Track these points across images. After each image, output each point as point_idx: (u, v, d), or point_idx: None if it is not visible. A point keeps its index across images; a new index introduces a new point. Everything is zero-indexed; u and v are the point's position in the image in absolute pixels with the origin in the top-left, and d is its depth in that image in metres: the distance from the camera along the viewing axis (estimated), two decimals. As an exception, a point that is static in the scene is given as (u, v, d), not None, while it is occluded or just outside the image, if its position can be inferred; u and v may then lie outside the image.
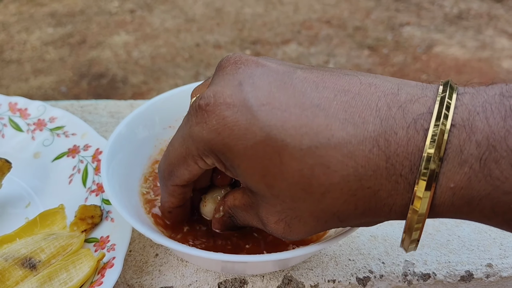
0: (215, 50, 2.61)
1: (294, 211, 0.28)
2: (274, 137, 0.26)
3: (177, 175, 0.32)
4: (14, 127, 0.52)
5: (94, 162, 0.47)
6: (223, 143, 0.27)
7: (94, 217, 0.42)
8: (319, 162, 0.26)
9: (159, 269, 0.41)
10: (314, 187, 0.26)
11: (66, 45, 2.70)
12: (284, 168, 0.26)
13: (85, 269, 0.38)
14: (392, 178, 0.25)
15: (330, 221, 0.28)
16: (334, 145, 0.26)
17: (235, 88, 0.27)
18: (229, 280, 0.41)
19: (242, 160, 0.27)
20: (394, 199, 0.26)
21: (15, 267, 0.38)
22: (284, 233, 0.30)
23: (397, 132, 0.25)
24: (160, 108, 0.47)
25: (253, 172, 0.27)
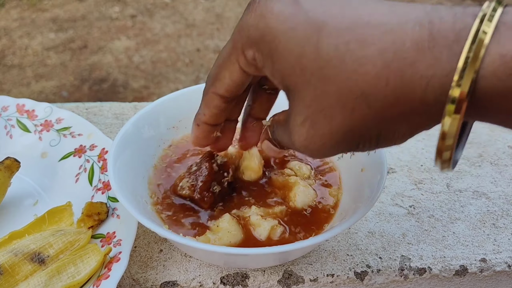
0: (216, 55, 2.62)
1: (322, 100, 0.27)
2: (315, 19, 0.27)
3: (219, 78, 0.33)
4: (21, 128, 0.53)
5: (100, 161, 0.48)
6: (266, 26, 0.28)
7: (100, 214, 0.43)
8: (356, 38, 0.26)
9: (163, 264, 0.43)
10: (347, 62, 0.26)
11: (67, 50, 2.72)
12: (320, 46, 0.27)
13: (92, 263, 0.39)
14: (433, 49, 0.25)
15: (357, 108, 0.27)
16: (373, 25, 0.26)
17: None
18: (231, 274, 0.42)
19: (281, 41, 0.28)
20: (435, 69, 0.25)
21: (24, 262, 0.39)
22: (308, 137, 0.29)
23: (443, 17, 0.25)
24: (165, 109, 0.49)
25: (289, 54, 0.27)
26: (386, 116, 0.27)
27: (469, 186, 0.53)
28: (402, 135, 0.28)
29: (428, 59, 0.25)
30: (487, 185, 0.53)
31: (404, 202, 0.50)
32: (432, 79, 0.25)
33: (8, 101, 0.55)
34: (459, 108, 0.24)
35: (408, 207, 0.49)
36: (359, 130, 0.27)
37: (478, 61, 0.23)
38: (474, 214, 0.49)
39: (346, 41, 0.26)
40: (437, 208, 0.50)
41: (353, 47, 0.26)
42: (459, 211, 0.49)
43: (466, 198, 0.51)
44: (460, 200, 0.51)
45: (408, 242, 0.46)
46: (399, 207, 0.50)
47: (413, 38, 0.25)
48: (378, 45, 0.25)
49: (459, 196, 0.51)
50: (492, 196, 0.51)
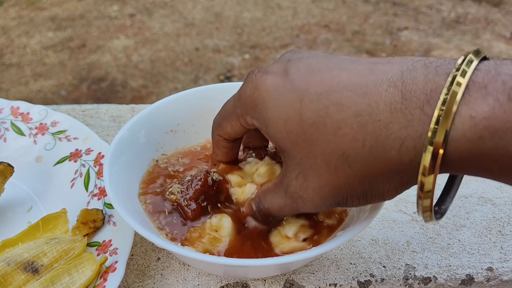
0: (214, 54, 2.62)
1: (309, 159, 0.29)
2: (299, 87, 0.29)
3: (222, 127, 0.37)
4: (16, 131, 0.52)
5: (96, 166, 0.47)
6: (258, 96, 0.31)
7: (96, 221, 0.42)
8: (334, 102, 0.28)
9: (161, 273, 0.41)
10: (327, 125, 0.28)
11: (66, 49, 2.71)
12: (303, 111, 0.29)
13: (87, 273, 0.38)
14: (406, 110, 0.26)
15: (340, 168, 0.28)
16: (350, 88, 0.28)
17: (283, 63, 0.32)
18: (231, 284, 0.41)
19: (269, 109, 0.31)
20: (407, 131, 0.26)
21: (17, 271, 0.38)
22: (302, 188, 0.31)
23: (416, 76, 0.26)
24: (162, 112, 0.47)
25: (277, 120, 0.30)
26: (367, 175, 0.28)
27: (474, 191, 0.51)
28: (388, 192, 0.29)
29: (401, 120, 0.26)
30: (492, 191, 0.52)
31: (408, 208, 0.49)
32: (405, 140, 0.26)
33: (2, 104, 0.53)
34: (432, 168, 0.25)
35: (412, 213, 0.48)
36: (345, 187, 0.29)
37: (449, 122, 0.24)
38: (479, 221, 0.48)
39: (325, 105, 0.28)
40: (442, 215, 0.48)
41: (331, 111, 0.28)
42: (464, 217, 0.48)
43: (471, 204, 0.50)
44: (465, 206, 0.50)
45: (413, 250, 0.44)
46: (403, 213, 0.48)
47: (386, 100, 0.26)
48: (354, 108, 0.27)
49: (464, 202, 0.50)
50: (498, 202, 0.50)
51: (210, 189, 0.42)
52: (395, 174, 0.28)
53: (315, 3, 2.98)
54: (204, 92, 0.50)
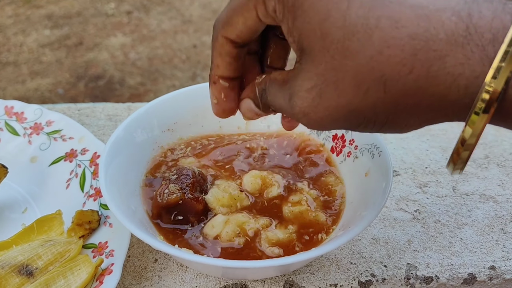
0: (212, 51, 2.60)
1: (337, 72, 0.25)
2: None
3: (230, 22, 0.30)
4: (10, 131, 0.51)
5: (92, 166, 0.46)
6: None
7: (91, 222, 0.41)
8: (388, 15, 0.24)
9: (158, 274, 0.41)
10: (374, 40, 0.24)
11: (63, 47, 2.69)
12: (348, 14, 0.25)
13: (83, 276, 0.37)
14: (467, 46, 0.23)
15: (372, 90, 0.25)
16: (409, 5, 0.24)
17: None
18: (229, 285, 0.40)
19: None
20: (464, 68, 0.23)
21: (11, 275, 0.37)
22: (312, 105, 0.27)
23: (481, 11, 0.24)
24: (159, 111, 0.46)
25: (314, 14, 0.26)
26: (399, 105, 0.25)
27: (475, 189, 0.51)
28: (410, 125, 0.27)
29: (459, 56, 0.23)
30: (494, 188, 0.51)
31: (409, 206, 0.48)
32: (459, 77, 0.24)
33: (-4, 103, 0.52)
34: (488, 108, 0.23)
35: (413, 211, 0.48)
36: (367, 112, 0.26)
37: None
38: (481, 219, 0.47)
39: (377, 16, 0.24)
40: (443, 213, 0.48)
41: (383, 25, 0.24)
42: (466, 215, 0.48)
43: (473, 201, 0.49)
44: (467, 204, 0.49)
45: (414, 249, 0.44)
46: (404, 212, 0.48)
47: (448, 30, 0.24)
48: (410, 29, 0.24)
49: (465, 200, 0.49)
50: (500, 199, 0.50)
51: (199, 180, 0.42)
52: (431, 110, 0.25)
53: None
54: (201, 90, 0.49)
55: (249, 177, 0.44)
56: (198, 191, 0.42)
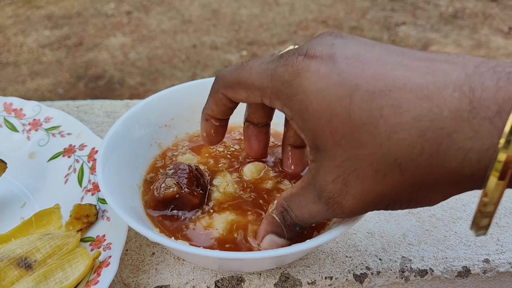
0: (212, 51, 2.61)
1: (354, 162, 0.27)
2: (348, 80, 0.26)
3: (235, 91, 0.33)
4: (9, 127, 0.51)
5: (90, 161, 0.47)
6: (299, 85, 0.28)
7: (89, 216, 0.41)
8: (390, 103, 0.25)
9: (155, 267, 0.41)
10: (381, 128, 0.25)
11: (63, 47, 2.69)
12: (352, 109, 0.26)
13: (80, 268, 0.38)
14: (473, 120, 0.24)
15: (390, 174, 0.26)
16: (409, 89, 0.25)
17: (327, 47, 0.29)
18: (226, 278, 0.41)
19: (312, 101, 0.27)
20: (473, 142, 0.24)
21: (10, 267, 0.38)
22: (342, 194, 0.28)
23: (484, 82, 0.24)
24: (156, 107, 0.47)
25: (320, 116, 0.27)
26: (419, 184, 0.26)
27: (470, 184, 0.51)
28: (434, 200, 0.28)
29: (467, 130, 0.24)
30: (489, 183, 0.51)
31: (404, 201, 0.49)
32: (470, 152, 0.24)
33: (-5, 100, 0.53)
34: (504, 175, 0.23)
35: (408, 206, 0.48)
36: (390, 194, 0.27)
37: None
38: (476, 213, 0.48)
39: (379, 106, 0.25)
40: (438, 207, 0.48)
41: (386, 113, 0.25)
42: (461, 210, 0.48)
43: (467, 196, 0.50)
44: (461, 198, 0.49)
45: (409, 243, 0.44)
46: (399, 206, 0.48)
47: (451, 107, 0.24)
48: (413, 112, 0.25)
49: (460, 195, 0.50)
50: (495, 194, 0.50)
51: (195, 175, 0.42)
52: (450, 185, 0.26)
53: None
54: (198, 86, 0.49)
55: (250, 166, 0.44)
56: (195, 185, 0.42)
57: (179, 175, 0.42)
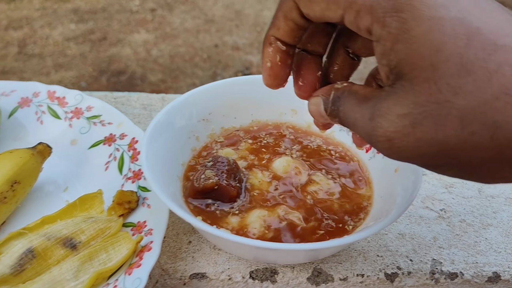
0: (233, 52, 2.63)
1: (441, 107, 0.24)
2: (468, 21, 0.24)
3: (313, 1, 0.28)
4: (52, 114, 0.53)
5: (130, 150, 0.48)
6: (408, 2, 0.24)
7: (131, 202, 0.43)
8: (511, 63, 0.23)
9: (192, 255, 0.42)
10: (493, 84, 0.23)
11: (87, 41, 2.74)
12: (466, 53, 0.23)
13: (123, 251, 0.39)
14: None
15: (477, 134, 0.23)
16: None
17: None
18: (260, 269, 0.42)
19: (420, 25, 0.24)
20: None
21: (57, 247, 0.39)
22: (400, 132, 0.25)
23: None
24: (196, 100, 0.48)
25: (424, 43, 0.24)
26: (502, 155, 0.24)
27: (501, 192, 0.52)
28: (503, 178, 0.25)
29: None
30: (519, 192, 0.52)
31: (435, 205, 0.49)
32: None
33: (40, 88, 0.55)
34: None
35: (439, 210, 0.49)
36: (462, 155, 0.24)
37: None
38: (507, 221, 0.48)
39: (498, 61, 0.23)
40: (468, 213, 0.49)
41: (504, 71, 0.23)
42: (492, 217, 0.48)
43: (498, 204, 0.50)
44: (492, 206, 0.50)
45: (439, 246, 0.45)
46: (429, 210, 0.49)
47: None
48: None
49: (491, 202, 0.50)
50: (525, 203, 0.50)
51: (233, 168, 0.43)
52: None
53: (335, 3, 2.97)
54: (235, 83, 0.51)
55: (281, 161, 0.46)
56: (232, 179, 0.43)
57: (217, 168, 0.43)
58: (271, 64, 0.32)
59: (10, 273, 0.38)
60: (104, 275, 0.38)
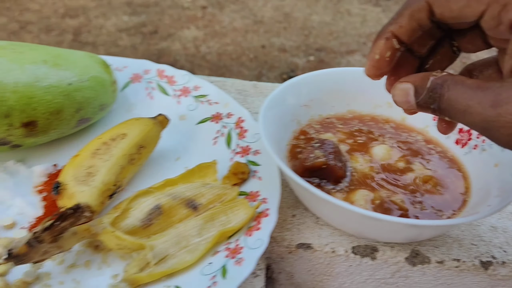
0: (280, 53, 2.67)
1: None
2: None
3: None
4: (161, 91, 0.58)
5: (237, 128, 0.52)
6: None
7: (244, 173, 0.47)
8: None
9: (297, 227, 0.46)
10: None
11: (139, 33, 2.83)
12: None
13: (242, 215, 0.43)
14: None
15: None
16: None
17: None
18: (361, 245, 0.45)
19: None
20: None
21: (180, 206, 0.43)
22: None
23: None
24: (302, 86, 0.52)
25: None
26: None
27: None
28: None
29: None
30: None
31: (523, 204, 0.51)
32: None
33: (150, 66, 0.59)
34: None
35: (527, 209, 0.50)
36: None
37: None
38: None
39: None
40: (557, 214, 0.50)
41: None
42: None
43: None
44: None
45: (531, 241, 0.46)
46: (518, 207, 0.50)
47: None
48: None
49: None
50: None
51: (338, 151, 0.47)
52: None
53: (385, 12, 2.97)
54: (336, 73, 0.54)
55: (380, 148, 0.49)
56: (338, 160, 0.46)
57: (325, 149, 0.46)
58: (379, 57, 0.33)
59: (140, 225, 0.42)
60: (226, 235, 0.42)
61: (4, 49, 0.45)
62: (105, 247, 0.42)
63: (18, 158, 0.49)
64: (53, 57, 0.48)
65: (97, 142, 0.46)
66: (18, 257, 0.37)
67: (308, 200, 0.45)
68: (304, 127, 0.52)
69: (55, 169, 0.48)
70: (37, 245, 0.37)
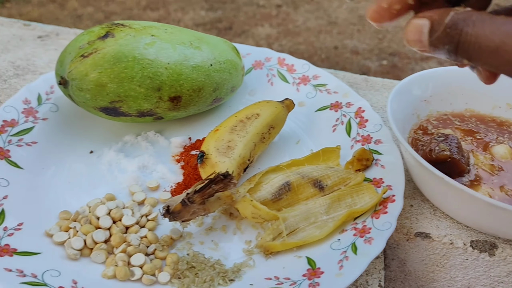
0: (352, 55, 2.66)
1: None
2: None
3: None
4: (281, 78, 0.61)
5: (357, 118, 0.54)
6: None
7: (368, 160, 0.49)
8: None
9: (416, 217, 0.47)
10: None
11: (214, 28, 2.92)
12: None
13: (367, 199, 0.45)
14: None
15: None
16: None
17: None
18: (480, 240, 0.45)
19: None
20: None
21: (308, 185, 0.46)
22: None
23: None
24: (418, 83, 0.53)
25: None
26: None
27: None
28: None
29: None
30: None
31: None
32: None
33: (271, 54, 0.63)
34: None
35: None
36: None
37: None
38: None
39: None
40: None
41: None
42: None
43: None
44: None
45: None
46: None
47: None
48: None
49: None
50: None
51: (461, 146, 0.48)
52: None
53: (465, 20, 2.88)
54: (456, 71, 0.55)
55: (501, 147, 0.49)
56: (461, 155, 0.47)
57: (449, 143, 0.47)
58: (387, 6, 0.31)
59: (270, 199, 0.45)
60: (353, 215, 0.44)
61: (158, 29, 0.50)
62: (239, 215, 0.45)
63: (157, 130, 0.54)
64: (196, 39, 0.52)
65: (234, 119, 0.50)
66: (173, 214, 0.41)
67: (431, 188, 0.46)
68: (423, 122, 0.54)
69: (190, 142, 0.53)
70: (189, 205, 0.41)
